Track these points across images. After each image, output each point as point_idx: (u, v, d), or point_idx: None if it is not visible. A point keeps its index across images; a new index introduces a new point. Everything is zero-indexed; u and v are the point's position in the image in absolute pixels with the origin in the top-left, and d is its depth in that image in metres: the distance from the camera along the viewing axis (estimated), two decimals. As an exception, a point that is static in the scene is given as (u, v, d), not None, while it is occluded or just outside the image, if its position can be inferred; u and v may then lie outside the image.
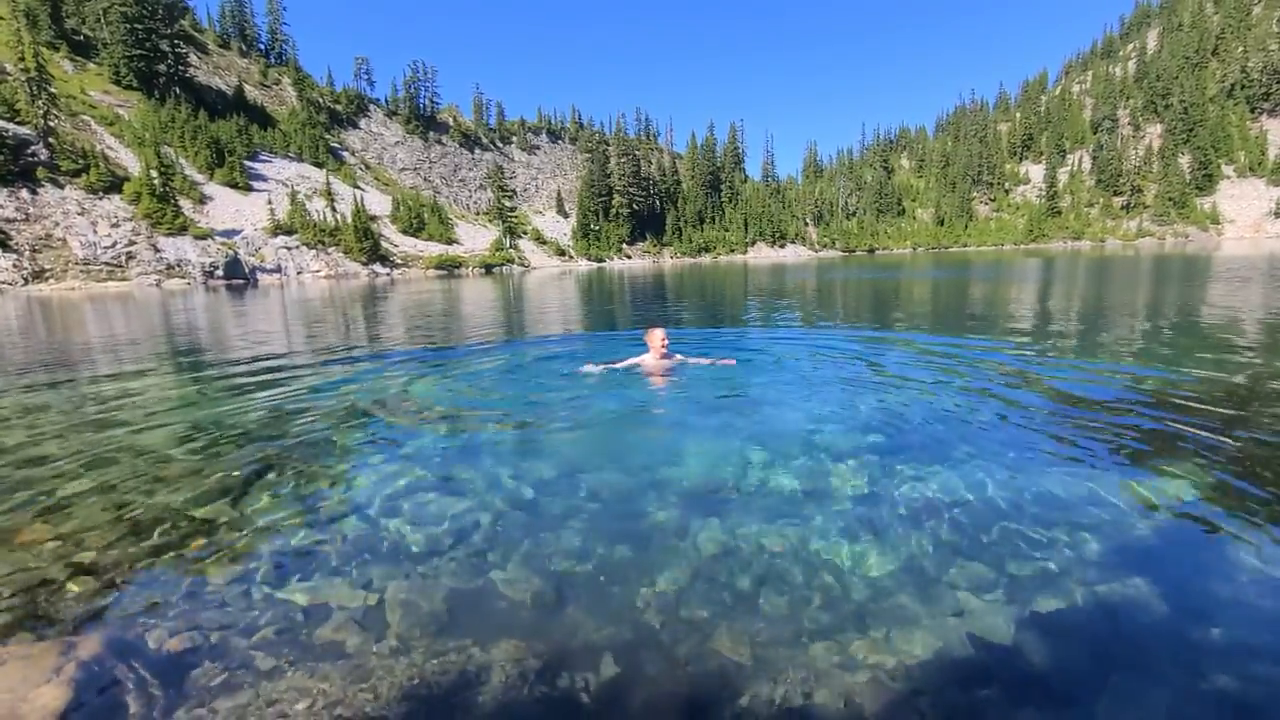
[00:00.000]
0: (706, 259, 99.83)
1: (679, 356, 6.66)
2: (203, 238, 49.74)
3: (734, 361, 6.65)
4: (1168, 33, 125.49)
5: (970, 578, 2.53)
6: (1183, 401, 4.97)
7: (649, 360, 6.39)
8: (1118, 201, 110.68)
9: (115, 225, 45.69)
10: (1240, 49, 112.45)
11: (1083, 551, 2.70)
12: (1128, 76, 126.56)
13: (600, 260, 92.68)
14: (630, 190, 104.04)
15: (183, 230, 48.99)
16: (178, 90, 67.65)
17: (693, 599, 2.46)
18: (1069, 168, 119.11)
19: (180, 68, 69.58)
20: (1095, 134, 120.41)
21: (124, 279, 43.65)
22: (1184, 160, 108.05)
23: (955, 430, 4.39)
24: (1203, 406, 4.81)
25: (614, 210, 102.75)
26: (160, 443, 4.74)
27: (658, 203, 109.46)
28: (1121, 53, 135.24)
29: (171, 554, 2.94)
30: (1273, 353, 6.93)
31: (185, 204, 53.90)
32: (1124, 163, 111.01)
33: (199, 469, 4.07)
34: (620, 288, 28.03)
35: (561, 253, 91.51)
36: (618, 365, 6.45)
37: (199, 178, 60.66)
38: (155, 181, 48.31)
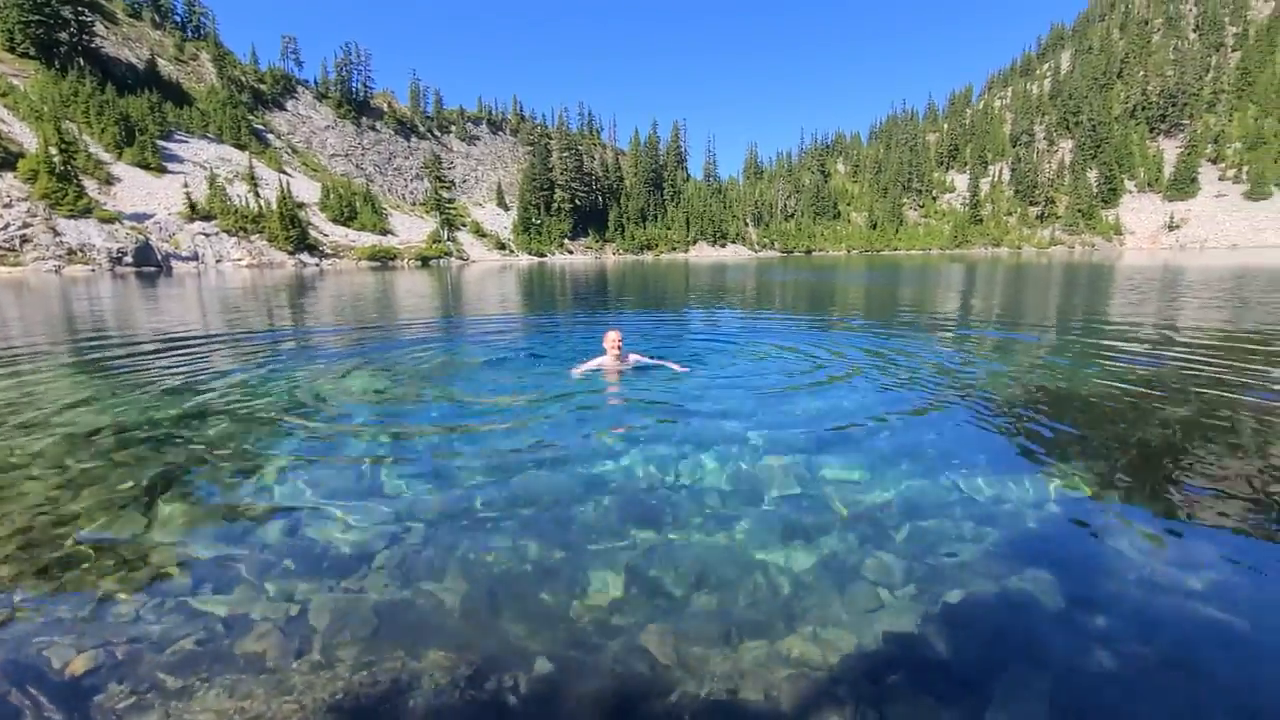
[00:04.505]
0: (648, 256, 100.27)
1: (634, 357, 6.73)
2: (109, 221, 46.27)
3: (688, 369, 6.66)
4: (1079, 55, 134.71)
5: (886, 573, 2.69)
6: (1082, 402, 5.40)
7: (606, 362, 6.45)
8: (1033, 211, 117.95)
9: (8, 205, 41.93)
10: (1141, 73, 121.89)
11: (987, 546, 2.91)
12: (1044, 94, 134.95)
13: (541, 255, 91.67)
14: (573, 185, 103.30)
15: (86, 212, 45.46)
16: (81, 61, 62.69)
17: (624, 601, 2.51)
18: (990, 178, 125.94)
19: (84, 37, 64.51)
20: (1014, 147, 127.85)
21: (18, 264, 40.12)
22: (1092, 175, 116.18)
23: (878, 430, 4.62)
24: (1098, 407, 5.24)
25: (556, 205, 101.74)
26: (60, 446, 4.42)
27: (600, 199, 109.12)
28: (1038, 71, 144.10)
29: (76, 567, 2.77)
30: (1162, 356, 7.60)
31: (90, 184, 50.01)
32: (1039, 175, 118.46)
33: (104, 474, 3.83)
34: (562, 283, 27.83)
35: (502, 246, 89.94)
36: (588, 366, 6.47)
37: (106, 157, 56.45)
38: (55, 159, 44.69)
